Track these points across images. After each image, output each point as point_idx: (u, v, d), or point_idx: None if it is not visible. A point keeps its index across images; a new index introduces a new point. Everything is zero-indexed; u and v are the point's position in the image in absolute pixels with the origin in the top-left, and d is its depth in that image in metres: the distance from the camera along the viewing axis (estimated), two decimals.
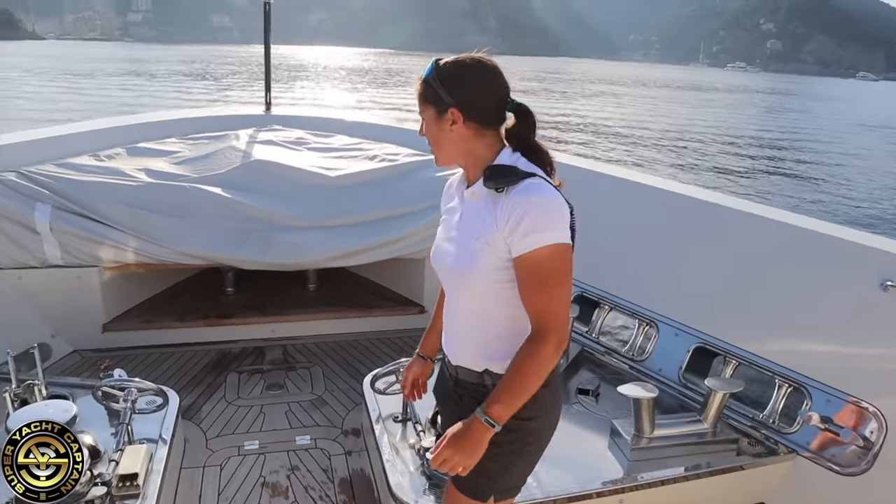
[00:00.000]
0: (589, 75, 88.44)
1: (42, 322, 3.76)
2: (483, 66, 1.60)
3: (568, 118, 31.30)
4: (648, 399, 2.63)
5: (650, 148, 23.78)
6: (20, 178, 3.58)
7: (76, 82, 40.81)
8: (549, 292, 1.51)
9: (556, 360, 1.53)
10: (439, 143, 1.63)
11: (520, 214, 1.48)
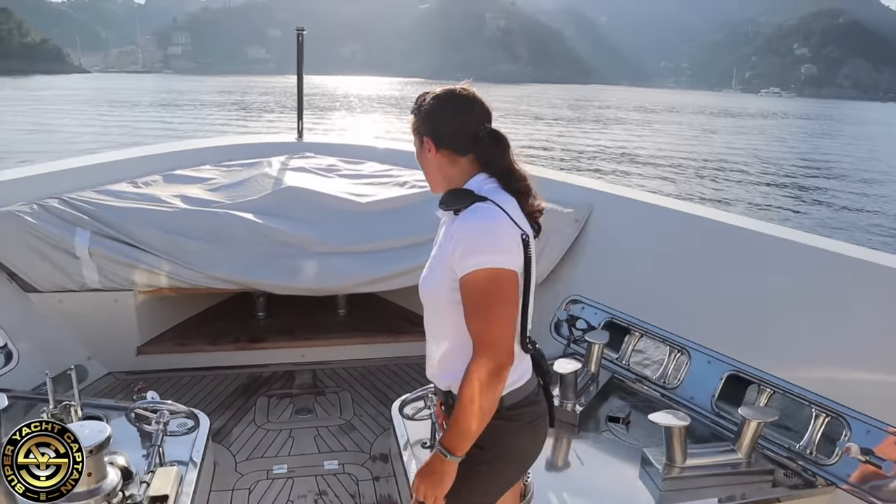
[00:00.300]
0: (622, 102, 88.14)
1: (79, 344, 3.84)
2: (455, 97, 1.68)
3: (602, 145, 31.20)
4: (680, 427, 2.57)
5: (685, 174, 23.54)
6: (62, 205, 3.69)
7: (116, 113, 42.01)
8: (485, 316, 1.52)
9: (493, 384, 1.52)
10: (424, 170, 1.77)
11: (459, 237, 1.54)
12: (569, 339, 3.84)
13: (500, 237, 1.54)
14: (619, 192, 4.28)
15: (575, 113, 58.38)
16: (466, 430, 1.54)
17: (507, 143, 1.69)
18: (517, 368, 1.66)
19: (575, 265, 4.05)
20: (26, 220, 3.54)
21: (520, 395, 1.68)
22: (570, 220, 4.03)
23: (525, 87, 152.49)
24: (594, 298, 3.84)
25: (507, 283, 1.53)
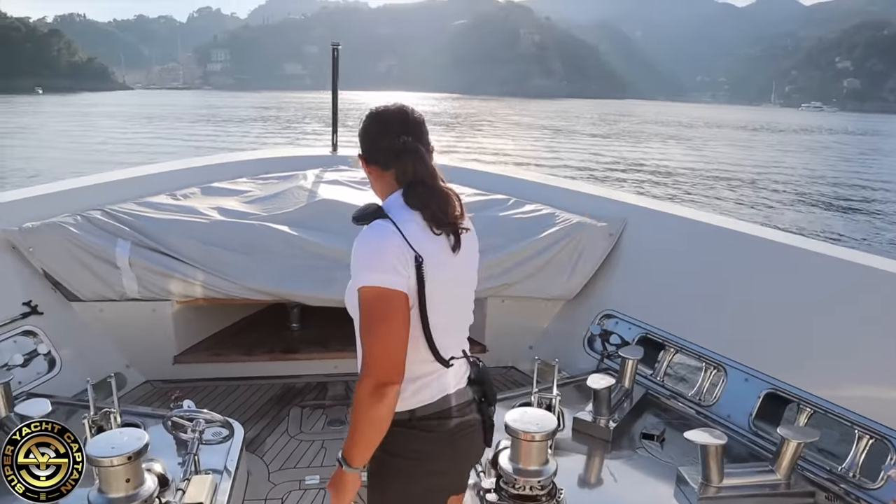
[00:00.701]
0: (658, 117, 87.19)
1: (118, 352, 3.92)
2: (377, 115, 1.72)
3: (637, 159, 30.92)
4: (717, 446, 2.51)
5: (726, 190, 23.19)
6: (104, 216, 3.79)
7: (157, 127, 43.05)
8: (367, 333, 1.54)
9: (374, 400, 1.51)
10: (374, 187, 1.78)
11: (353, 254, 1.58)
12: (602, 354, 3.80)
13: (385, 257, 1.53)
14: (654, 206, 4.24)
15: (610, 128, 58.02)
16: (358, 441, 1.57)
17: (419, 155, 1.66)
18: (432, 384, 1.69)
19: (609, 280, 4.02)
20: (71, 230, 3.65)
21: (432, 409, 1.69)
22: (604, 234, 4.01)
23: (559, 102, 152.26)
24: (628, 313, 3.80)
25: (389, 303, 1.52)
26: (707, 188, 23.25)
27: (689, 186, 23.43)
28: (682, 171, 27.85)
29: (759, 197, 21.88)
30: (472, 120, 62.32)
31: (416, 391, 1.67)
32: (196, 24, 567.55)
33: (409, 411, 1.68)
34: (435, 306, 1.62)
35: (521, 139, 40.89)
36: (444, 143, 36.76)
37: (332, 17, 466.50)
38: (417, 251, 1.56)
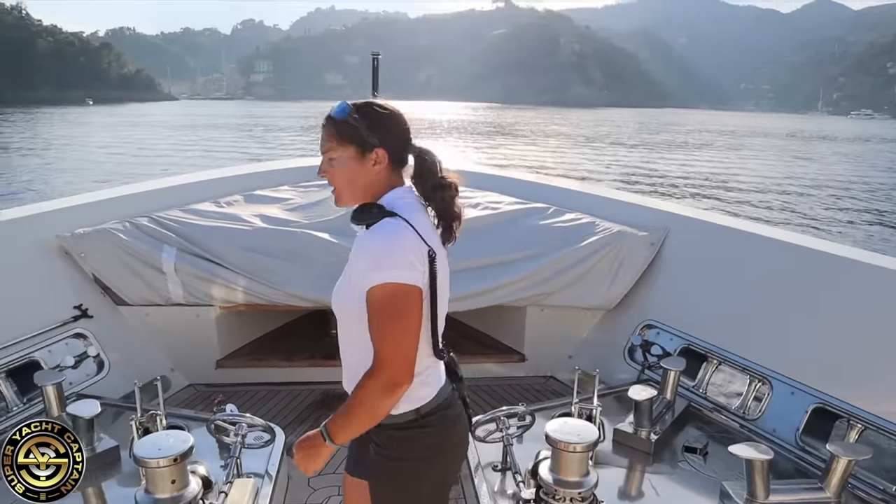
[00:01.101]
0: (702, 126, 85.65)
1: (163, 356, 4.01)
2: (398, 112, 1.73)
3: (681, 169, 30.48)
4: (763, 461, 2.43)
5: (776, 200, 22.70)
6: (151, 223, 3.89)
7: (201, 136, 44.02)
8: (382, 330, 1.55)
9: (384, 397, 1.56)
10: (354, 183, 1.68)
11: (363, 253, 1.60)
12: (643, 365, 3.74)
13: (403, 252, 1.56)
14: (697, 216, 4.18)
15: (652, 137, 57.31)
16: (351, 425, 1.63)
17: (435, 158, 1.73)
18: (430, 377, 1.74)
19: (650, 289, 3.97)
20: (119, 236, 3.75)
21: (433, 405, 1.74)
22: (645, 244, 3.96)
23: (600, 112, 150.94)
24: (670, 324, 3.75)
25: (407, 299, 1.56)
26: (755, 199, 22.73)
27: (736, 196, 22.98)
28: (727, 180, 27.34)
29: (810, 208, 21.32)
30: (512, 129, 62.22)
31: (419, 385, 1.68)
32: (240, 35, 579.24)
33: (415, 410, 1.71)
34: (440, 299, 1.67)
35: (562, 149, 40.60)
36: (483, 152, 36.79)
37: (373, 27, 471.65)
38: (430, 246, 1.61)
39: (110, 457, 2.76)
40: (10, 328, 3.27)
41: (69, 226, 3.74)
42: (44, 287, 3.61)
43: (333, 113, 1.68)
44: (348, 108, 1.66)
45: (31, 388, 3.12)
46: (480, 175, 5.52)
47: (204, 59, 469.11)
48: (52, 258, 3.69)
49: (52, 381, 2.83)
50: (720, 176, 28.76)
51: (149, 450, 2.16)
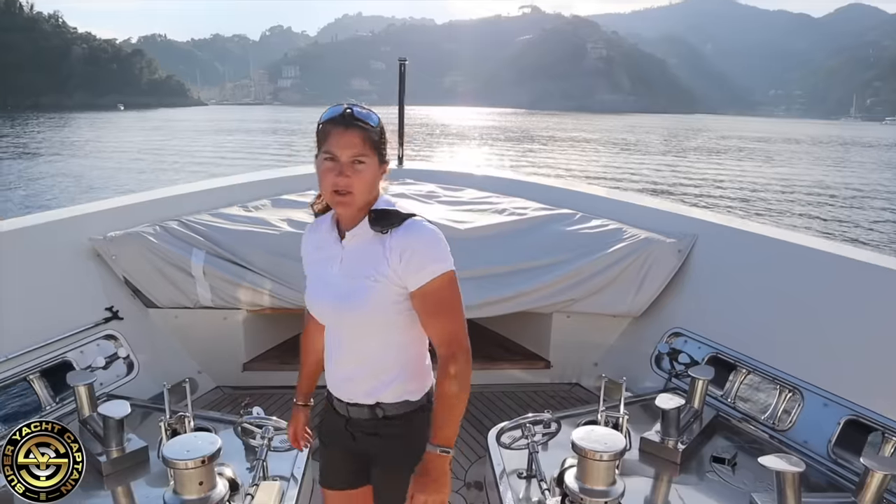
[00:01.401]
0: (732, 132, 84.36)
1: (191, 358, 4.06)
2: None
3: (709, 176, 30.12)
4: (794, 473, 2.36)
5: (814, 208, 22.33)
6: (180, 226, 3.95)
7: (229, 141, 44.61)
8: (452, 317, 1.69)
9: (469, 378, 1.70)
10: (370, 191, 1.71)
11: (411, 251, 1.66)
12: (670, 374, 3.70)
13: (445, 244, 1.71)
14: (725, 222, 4.12)
15: (680, 143, 56.72)
16: (456, 420, 1.69)
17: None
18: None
19: (678, 297, 3.92)
20: (149, 240, 3.81)
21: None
22: (673, 251, 3.92)
23: (627, 117, 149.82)
24: (697, 332, 3.70)
25: (457, 284, 1.72)
26: (788, 207, 22.35)
27: (770, 204, 22.64)
28: (758, 187, 26.96)
29: (848, 216, 20.90)
30: (538, 135, 62.04)
31: (428, 371, 1.87)
32: (268, 42, 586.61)
33: (426, 394, 1.86)
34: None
35: (588, 155, 40.35)
36: (510, 158, 36.69)
37: (399, 33, 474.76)
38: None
39: (139, 457, 2.79)
40: (45, 328, 3.33)
41: (102, 229, 3.80)
42: (77, 289, 3.68)
43: (365, 116, 1.67)
44: (377, 118, 1.69)
45: (64, 388, 3.18)
46: (506, 181, 5.51)
47: (233, 65, 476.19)
48: (85, 260, 3.76)
49: (84, 381, 2.88)
50: (750, 182, 28.37)
51: (177, 451, 2.19)
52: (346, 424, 1.90)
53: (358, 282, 1.71)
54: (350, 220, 1.75)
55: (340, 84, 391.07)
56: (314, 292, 1.84)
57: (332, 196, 1.66)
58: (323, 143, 1.66)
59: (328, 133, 1.65)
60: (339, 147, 1.63)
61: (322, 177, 1.67)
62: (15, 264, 3.40)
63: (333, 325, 1.85)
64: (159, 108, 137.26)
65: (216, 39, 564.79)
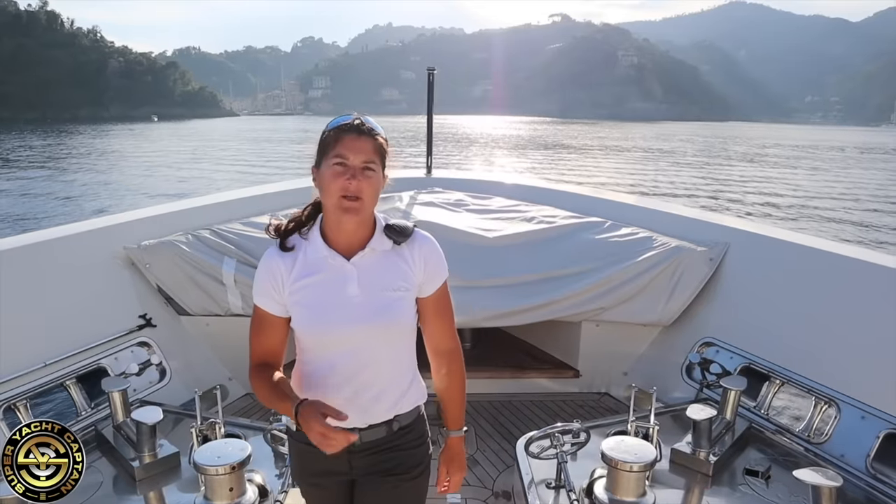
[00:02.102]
0: (773, 140, 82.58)
1: (222, 365, 4.11)
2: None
3: (744, 184, 29.61)
4: (831, 488, 2.29)
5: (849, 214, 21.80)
6: (212, 235, 4.01)
7: (259, 151, 45.23)
8: (452, 317, 1.84)
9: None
10: (376, 199, 1.68)
11: (429, 258, 1.73)
12: (701, 384, 3.64)
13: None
14: (758, 230, 4.06)
15: (714, 150, 55.90)
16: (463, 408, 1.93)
17: None
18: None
19: (709, 306, 3.87)
20: (182, 248, 3.88)
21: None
22: (704, 260, 3.88)
23: (659, 126, 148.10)
24: (729, 342, 3.64)
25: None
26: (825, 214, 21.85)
27: (802, 211, 22.18)
28: (794, 196, 26.45)
29: (885, 222, 20.37)
30: (569, 144, 61.70)
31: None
32: (299, 52, 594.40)
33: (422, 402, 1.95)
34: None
35: (621, 164, 39.94)
36: (542, 166, 36.50)
37: (429, 43, 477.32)
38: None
39: (171, 462, 2.84)
40: (81, 335, 3.41)
41: (136, 238, 3.88)
42: (111, 296, 3.76)
43: (374, 127, 1.67)
44: (382, 130, 1.69)
45: (99, 394, 3.25)
46: (535, 189, 5.49)
47: (265, 76, 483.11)
48: (120, 269, 3.84)
49: (119, 387, 2.95)
50: (787, 191, 27.83)
51: (208, 457, 2.22)
52: (350, 454, 1.76)
53: (387, 294, 1.69)
54: (351, 235, 1.70)
55: (370, 94, 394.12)
56: (326, 317, 1.68)
57: (340, 202, 1.60)
58: (331, 149, 1.62)
59: (339, 139, 1.61)
60: (352, 151, 1.60)
61: (329, 182, 1.61)
62: (52, 273, 3.49)
63: (354, 349, 1.70)
64: (193, 119, 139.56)
65: (249, 51, 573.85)
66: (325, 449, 1.47)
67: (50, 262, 3.51)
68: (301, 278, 1.70)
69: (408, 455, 1.84)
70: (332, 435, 1.45)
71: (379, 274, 1.70)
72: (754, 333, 3.58)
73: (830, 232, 18.16)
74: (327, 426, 1.45)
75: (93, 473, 2.79)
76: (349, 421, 1.60)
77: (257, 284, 1.79)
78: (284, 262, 1.73)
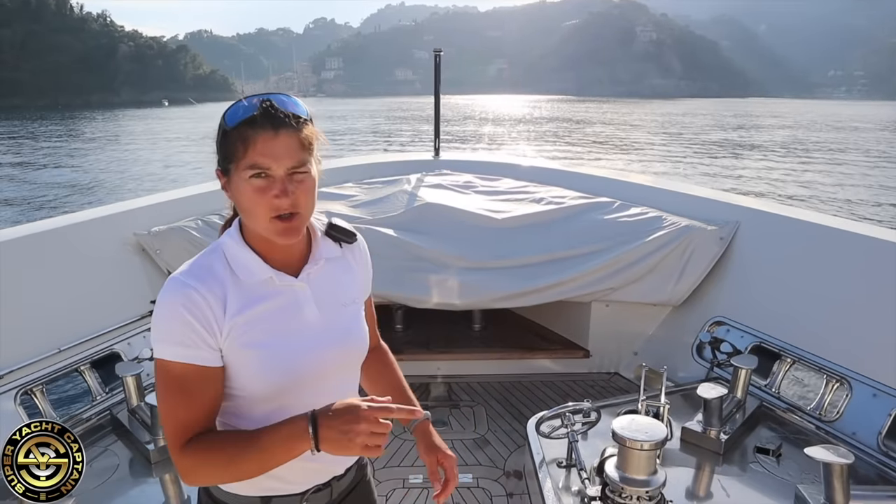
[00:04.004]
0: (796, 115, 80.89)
1: None
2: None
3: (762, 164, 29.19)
4: (843, 465, 2.28)
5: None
6: (222, 220, 4.02)
7: None
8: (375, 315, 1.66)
9: None
10: (314, 203, 1.29)
11: (366, 258, 1.57)
12: (712, 363, 3.63)
13: None
14: (769, 209, 4.01)
15: (733, 127, 55.10)
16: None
17: None
18: None
19: (719, 285, 3.85)
20: (192, 234, 3.91)
21: None
22: (714, 238, 3.85)
23: (679, 102, 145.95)
24: (740, 321, 3.62)
25: None
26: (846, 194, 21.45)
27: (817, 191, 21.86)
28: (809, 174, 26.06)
29: None
30: (585, 123, 61.11)
31: None
32: (311, 34, 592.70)
33: None
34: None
35: (639, 142, 39.44)
36: (553, 145, 36.23)
37: (442, 22, 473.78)
38: None
39: None
40: (94, 321, 3.46)
41: (146, 224, 3.92)
42: (123, 282, 3.80)
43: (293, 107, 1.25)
44: (305, 107, 1.29)
45: (113, 378, 3.30)
46: (543, 170, 5.47)
47: (277, 59, 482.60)
48: (131, 255, 3.88)
49: (132, 372, 3.01)
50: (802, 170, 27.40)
51: None
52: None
53: (348, 309, 1.43)
54: (289, 248, 1.34)
55: (384, 74, 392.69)
56: (290, 351, 1.30)
57: (273, 225, 1.23)
58: (240, 155, 1.21)
59: (248, 141, 1.20)
60: (272, 158, 1.20)
61: (251, 202, 1.22)
62: (65, 260, 3.54)
63: (321, 385, 1.34)
64: (204, 103, 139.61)
65: (261, 34, 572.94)
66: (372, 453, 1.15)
67: (62, 249, 3.56)
68: (241, 311, 1.26)
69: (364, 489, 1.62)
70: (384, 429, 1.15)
71: (334, 286, 1.41)
72: (765, 312, 3.55)
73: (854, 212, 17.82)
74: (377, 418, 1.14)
75: (109, 457, 2.85)
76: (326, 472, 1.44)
77: (171, 332, 1.21)
78: (207, 292, 1.23)
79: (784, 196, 19.91)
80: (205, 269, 1.28)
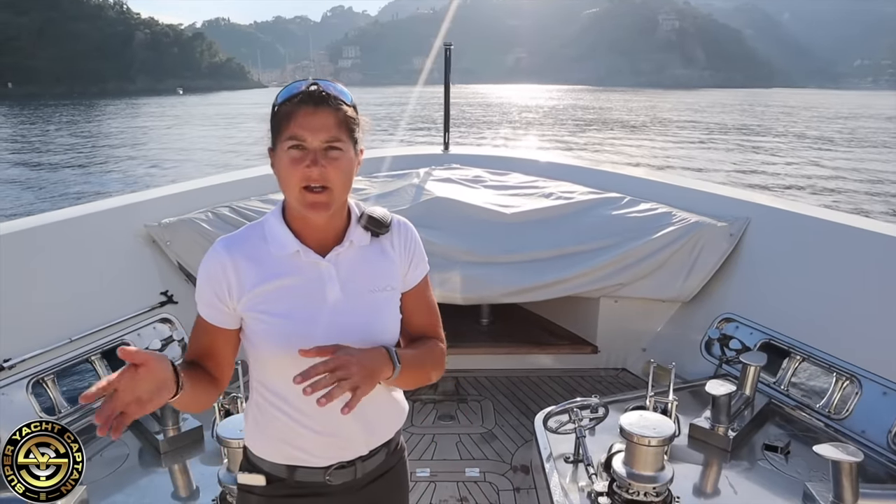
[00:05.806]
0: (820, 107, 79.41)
1: None
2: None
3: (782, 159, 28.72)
4: (852, 463, 2.25)
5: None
6: (231, 212, 4.07)
7: None
8: (437, 309, 1.62)
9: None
10: (349, 184, 1.36)
11: (413, 248, 1.53)
12: (720, 360, 3.61)
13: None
14: (779, 205, 3.97)
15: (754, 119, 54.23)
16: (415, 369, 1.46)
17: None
18: None
19: (729, 282, 3.83)
20: (202, 225, 3.93)
21: None
22: (724, 235, 3.82)
23: (702, 93, 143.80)
24: (749, 317, 3.59)
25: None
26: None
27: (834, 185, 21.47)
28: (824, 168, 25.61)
29: None
30: (601, 113, 60.52)
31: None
32: (329, 22, 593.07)
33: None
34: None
35: (663, 135, 38.84)
36: (579, 139, 35.81)
37: (460, 10, 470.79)
38: None
39: (194, 436, 2.93)
40: (105, 312, 3.50)
41: (156, 215, 3.95)
42: (133, 274, 3.84)
43: (338, 92, 1.35)
44: (350, 95, 1.38)
45: None
46: (553, 165, 5.45)
47: (294, 47, 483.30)
48: (142, 246, 3.91)
49: None
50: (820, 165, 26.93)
51: (230, 430, 2.30)
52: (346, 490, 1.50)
53: (375, 296, 1.44)
54: (322, 228, 1.40)
55: (401, 63, 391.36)
56: (302, 321, 1.36)
57: (303, 195, 1.30)
58: (283, 128, 1.31)
59: (291, 115, 1.30)
60: (308, 129, 1.28)
61: (286, 171, 1.30)
62: (76, 251, 3.58)
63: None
64: (220, 92, 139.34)
65: (278, 21, 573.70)
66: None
67: (73, 240, 3.60)
68: (263, 282, 1.37)
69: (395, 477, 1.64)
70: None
71: (365, 271, 1.44)
72: (775, 309, 3.53)
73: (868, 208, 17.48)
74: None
75: (119, 446, 2.90)
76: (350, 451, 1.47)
77: (199, 289, 1.43)
78: (235, 261, 1.38)
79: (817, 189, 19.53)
80: (241, 240, 1.42)
